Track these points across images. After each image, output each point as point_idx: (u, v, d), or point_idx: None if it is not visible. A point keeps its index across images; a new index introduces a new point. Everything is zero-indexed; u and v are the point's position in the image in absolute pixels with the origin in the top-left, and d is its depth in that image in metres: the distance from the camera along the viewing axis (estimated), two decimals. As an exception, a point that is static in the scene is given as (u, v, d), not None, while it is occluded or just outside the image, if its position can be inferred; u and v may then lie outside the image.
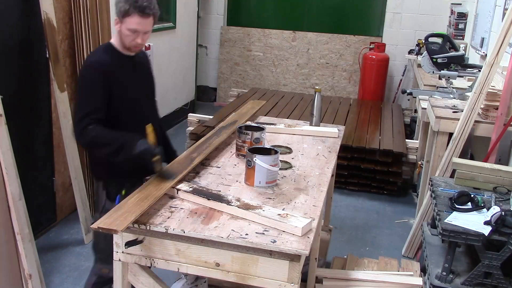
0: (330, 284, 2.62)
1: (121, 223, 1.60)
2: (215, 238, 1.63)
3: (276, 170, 2.04)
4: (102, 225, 1.59)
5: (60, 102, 3.23)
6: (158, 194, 1.83)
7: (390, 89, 6.87)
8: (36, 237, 3.16)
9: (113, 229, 1.57)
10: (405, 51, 6.35)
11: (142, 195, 1.82)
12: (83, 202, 3.42)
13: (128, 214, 1.67)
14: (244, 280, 1.67)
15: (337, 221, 3.90)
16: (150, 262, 1.75)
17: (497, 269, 2.15)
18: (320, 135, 2.77)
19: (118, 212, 1.68)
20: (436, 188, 2.59)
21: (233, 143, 2.45)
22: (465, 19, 5.52)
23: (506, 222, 2.11)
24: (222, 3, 7.11)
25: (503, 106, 2.97)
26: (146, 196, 1.80)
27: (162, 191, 1.86)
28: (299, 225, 1.64)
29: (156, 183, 1.94)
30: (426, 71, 4.18)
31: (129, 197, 1.81)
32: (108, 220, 1.63)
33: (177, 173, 2.01)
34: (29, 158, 3.22)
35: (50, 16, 3.11)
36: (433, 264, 2.39)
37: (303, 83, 7.02)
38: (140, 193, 1.84)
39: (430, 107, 3.48)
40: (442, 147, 3.28)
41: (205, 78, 7.44)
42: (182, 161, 2.18)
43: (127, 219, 1.63)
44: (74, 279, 3.01)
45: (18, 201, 2.55)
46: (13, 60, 3.03)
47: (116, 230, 1.57)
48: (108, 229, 1.58)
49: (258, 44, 7.09)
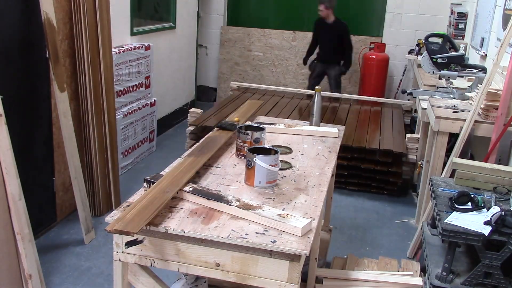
0: (330, 284, 2.62)
1: (136, 225, 1.61)
2: (215, 238, 1.63)
3: (276, 170, 2.04)
4: (116, 227, 1.59)
5: (60, 102, 3.23)
6: (167, 196, 1.82)
7: (390, 89, 6.88)
8: (36, 237, 3.16)
9: (127, 231, 1.58)
10: (405, 51, 6.35)
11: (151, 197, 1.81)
12: (83, 202, 3.42)
13: (141, 215, 1.67)
14: (244, 280, 1.67)
15: (337, 221, 3.90)
16: (150, 262, 1.75)
17: (497, 269, 2.15)
18: (320, 135, 2.77)
19: (131, 213, 1.69)
20: (436, 188, 2.59)
21: (233, 143, 2.45)
22: (465, 19, 5.52)
23: (506, 222, 2.11)
24: (222, 3, 7.11)
25: (503, 106, 2.97)
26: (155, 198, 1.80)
27: (171, 193, 1.85)
28: (299, 225, 1.64)
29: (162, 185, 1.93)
30: (426, 71, 4.17)
31: (138, 200, 1.80)
32: (122, 223, 1.62)
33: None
34: (29, 158, 3.22)
35: (50, 16, 3.11)
36: (433, 264, 2.39)
37: (303, 83, 7.02)
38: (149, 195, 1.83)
39: (430, 107, 3.48)
40: (442, 147, 3.28)
41: (205, 78, 7.44)
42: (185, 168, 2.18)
43: (141, 221, 1.64)
44: (74, 279, 3.01)
45: (18, 201, 2.55)
46: (13, 60, 3.03)
47: (130, 232, 1.58)
48: (123, 231, 1.59)
49: (258, 44, 7.09)
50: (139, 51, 4.74)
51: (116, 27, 4.24)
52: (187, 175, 2.00)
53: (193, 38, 6.80)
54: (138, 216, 1.66)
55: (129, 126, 4.61)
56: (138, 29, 5.05)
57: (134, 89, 4.71)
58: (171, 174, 2.01)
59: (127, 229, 1.58)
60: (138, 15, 5.17)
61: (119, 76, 4.39)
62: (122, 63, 4.43)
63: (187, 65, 6.66)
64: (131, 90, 4.64)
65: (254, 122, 2.83)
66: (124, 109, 4.54)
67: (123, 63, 4.45)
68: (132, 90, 4.66)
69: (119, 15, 4.51)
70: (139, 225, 1.61)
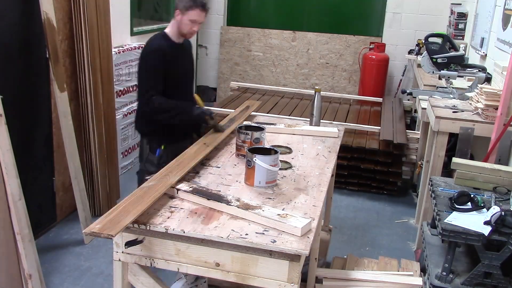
0: (330, 284, 2.62)
1: (114, 228, 1.59)
2: (215, 238, 1.63)
3: (276, 170, 2.04)
4: (95, 230, 1.57)
5: (60, 102, 3.23)
6: (155, 195, 1.82)
7: (390, 89, 6.87)
8: (36, 237, 3.16)
9: (106, 233, 1.56)
10: (405, 51, 6.34)
11: (139, 196, 1.81)
12: (83, 202, 3.42)
13: (123, 217, 1.66)
14: (244, 280, 1.67)
15: (337, 221, 3.89)
16: (150, 262, 1.75)
17: (497, 269, 2.15)
18: (320, 135, 2.77)
19: (112, 214, 1.67)
20: (436, 188, 2.59)
21: (233, 143, 2.45)
22: (465, 19, 5.51)
23: (506, 222, 2.11)
24: (222, 3, 7.11)
25: (503, 106, 2.97)
26: (143, 197, 1.80)
27: (159, 192, 1.85)
28: (298, 225, 1.64)
29: (156, 182, 1.94)
30: (426, 71, 4.17)
31: (127, 198, 1.81)
32: (99, 225, 1.60)
33: (226, 127, 2.70)
34: (29, 158, 3.22)
35: (50, 16, 3.11)
36: (433, 264, 2.39)
37: (303, 83, 7.02)
38: (138, 194, 1.84)
39: (430, 107, 3.48)
40: (442, 147, 3.28)
41: (205, 78, 7.43)
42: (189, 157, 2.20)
43: (121, 224, 1.61)
44: (74, 279, 3.00)
45: (18, 201, 2.55)
46: (13, 60, 3.03)
47: (110, 235, 1.56)
48: (101, 234, 1.56)
49: (258, 44, 7.09)
50: (139, 51, 4.72)
51: (116, 27, 4.24)
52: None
53: (193, 38, 6.79)
54: (121, 216, 1.65)
55: (129, 126, 4.61)
56: (138, 29, 5.05)
57: (134, 89, 4.71)
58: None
59: (105, 231, 1.56)
60: (138, 15, 5.17)
61: (119, 76, 4.38)
62: (122, 63, 4.42)
63: (187, 65, 6.65)
64: (131, 90, 4.64)
65: (254, 122, 2.83)
66: (124, 109, 4.54)
67: (123, 63, 4.45)
68: (132, 90, 4.66)
69: (119, 15, 4.50)
70: (118, 227, 1.59)
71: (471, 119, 3.18)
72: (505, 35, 3.74)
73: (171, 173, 2.04)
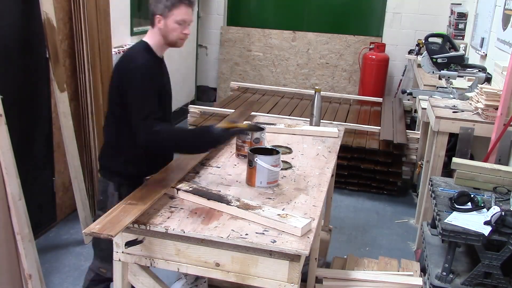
0: (330, 284, 2.62)
1: (114, 228, 1.58)
2: (215, 238, 1.63)
3: (277, 170, 2.04)
4: (95, 230, 1.57)
5: (60, 102, 3.23)
6: (155, 195, 1.83)
7: (390, 89, 6.87)
8: (36, 237, 3.16)
9: (106, 233, 1.56)
10: (405, 51, 6.34)
11: (138, 196, 1.81)
12: (83, 202, 3.42)
13: (123, 217, 1.65)
14: (244, 280, 1.67)
15: (337, 221, 3.89)
16: (150, 262, 1.75)
17: (497, 269, 2.15)
18: (320, 135, 2.77)
19: (111, 215, 1.67)
20: (436, 188, 2.59)
21: (233, 143, 2.45)
22: (465, 19, 5.51)
23: (506, 222, 2.11)
24: (222, 3, 7.11)
25: (503, 106, 2.97)
26: (143, 197, 1.80)
27: (159, 192, 1.86)
28: (298, 225, 1.64)
29: (153, 184, 1.94)
30: (426, 71, 4.17)
31: (127, 198, 1.81)
32: (99, 225, 1.60)
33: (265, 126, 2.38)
34: (29, 158, 3.22)
35: (50, 16, 3.11)
36: (433, 264, 2.39)
37: (303, 83, 7.02)
38: (137, 194, 1.84)
39: (430, 107, 3.48)
40: (442, 147, 3.28)
41: (205, 78, 7.43)
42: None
43: (121, 224, 1.61)
44: (74, 279, 3.00)
45: (18, 201, 2.55)
46: (13, 60, 3.03)
47: (110, 235, 1.56)
48: (101, 234, 1.56)
49: (258, 44, 7.09)
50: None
51: (116, 27, 4.24)
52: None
53: (193, 38, 6.80)
54: (120, 218, 1.65)
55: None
56: (138, 29, 5.04)
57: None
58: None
59: (105, 232, 1.56)
60: (138, 15, 5.16)
61: (119, 76, 4.37)
62: (122, 63, 4.42)
63: (187, 65, 6.66)
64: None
65: (253, 122, 2.83)
66: (124, 109, 4.53)
67: (123, 63, 4.44)
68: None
69: (119, 15, 4.50)
70: (118, 228, 1.59)
71: (471, 119, 3.18)
72: (505, 35, 3.74)
73: (171, 173, 2.04)
